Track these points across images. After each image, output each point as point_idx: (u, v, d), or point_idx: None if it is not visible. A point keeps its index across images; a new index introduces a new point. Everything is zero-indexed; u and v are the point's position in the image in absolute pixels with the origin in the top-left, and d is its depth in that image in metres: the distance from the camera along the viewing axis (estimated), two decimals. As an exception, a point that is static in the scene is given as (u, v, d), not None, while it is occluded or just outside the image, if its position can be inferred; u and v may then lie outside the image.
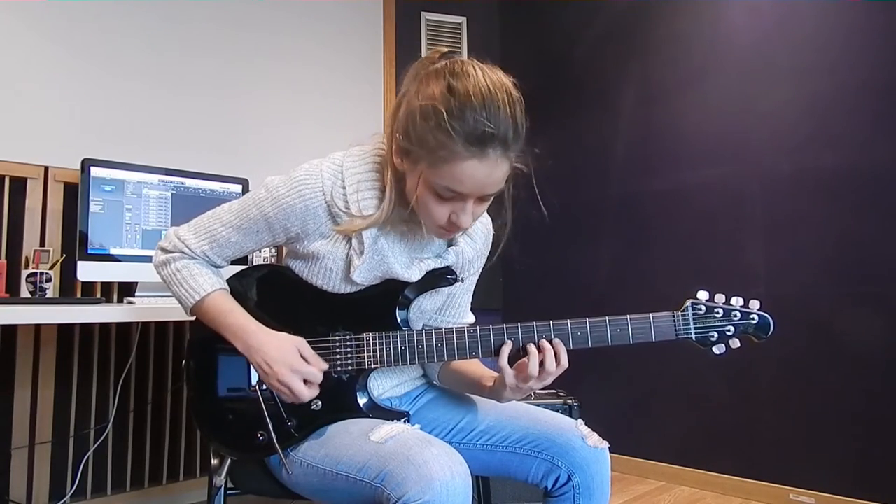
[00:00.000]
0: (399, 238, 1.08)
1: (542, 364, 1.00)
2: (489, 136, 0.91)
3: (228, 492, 1.18)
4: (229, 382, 1.12)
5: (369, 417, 1.05)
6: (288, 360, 1.02)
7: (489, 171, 0.94)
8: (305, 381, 1.02)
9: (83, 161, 1.89)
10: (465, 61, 0.96)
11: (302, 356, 1.03)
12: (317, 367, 1.03)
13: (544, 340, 1.01)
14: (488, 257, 1.23)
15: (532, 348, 1.01)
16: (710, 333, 1.02)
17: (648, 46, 2.72)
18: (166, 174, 2.04)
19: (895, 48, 2.11)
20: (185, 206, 2.06)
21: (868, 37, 2.16)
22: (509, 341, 1.02)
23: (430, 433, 1.08)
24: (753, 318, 1.02)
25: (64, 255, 2.01)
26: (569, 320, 1.02)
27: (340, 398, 1.06)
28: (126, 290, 2.12)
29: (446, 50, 1.00)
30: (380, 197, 1.04)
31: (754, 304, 1.02)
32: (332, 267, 1.07)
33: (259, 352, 1.03)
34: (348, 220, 1.04)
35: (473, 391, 1.17)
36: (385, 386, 1.16)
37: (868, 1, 2.16)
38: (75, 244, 1.88)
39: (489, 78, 0.93)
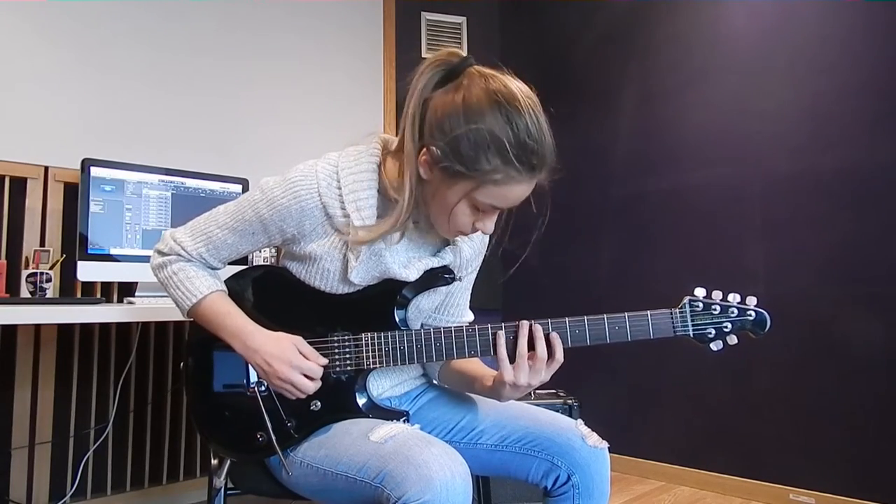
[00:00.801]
0: (397, 238, 1.08)
1: (532, 349, 1.00)
2: (543, 161, 0.96)
3: (228, 492, 1.19)
4: (228, 383, 1.12)
5: (369, 417, 1.05)
6: (287, 357, 1.02)
7: (531, 187, 0.99)
8: (307, 377, 1.03)
9: (83, 161, 1.89)
10: (499, 77, 0.96)
11: (300, 352, 1.04)
12: (316, 363, 1.04)
13: (537, 329, 1.01)
14: (488, 255, 1.23)
15: (523, 329, 1.01)
16: (708, 330, 1.02)
17: (649, 47, 2.72)
18: (166, 174, 2.05)
19: (895, 48, 2.11)
20: (185, 207, 2.05)
21: (868, 37, 2.16)
22: (503, 331, 1.02)
23: (430, 433, 1.08)
24: (750, 315, 1.01)
25: (64, 255, 2.01)
26: (567, 318, 1.01)
27: (340, 398, 1.06)
28: (126, 290, 2.12)
29: (465, 54, 0.99)
30: (376, 197, 1.04)
31: (751, 301, 1.02)
32: (329, 268, 1.07)
33: (258, 352, 1.03)
34: (348, 228, 1.03)
35: (474, 390, 1.16)
36: (384, 386, 1.16)
37: (868, 1, 2.16)
38: (75, 244, 1.88)
39: (525, 94, 0.96)
